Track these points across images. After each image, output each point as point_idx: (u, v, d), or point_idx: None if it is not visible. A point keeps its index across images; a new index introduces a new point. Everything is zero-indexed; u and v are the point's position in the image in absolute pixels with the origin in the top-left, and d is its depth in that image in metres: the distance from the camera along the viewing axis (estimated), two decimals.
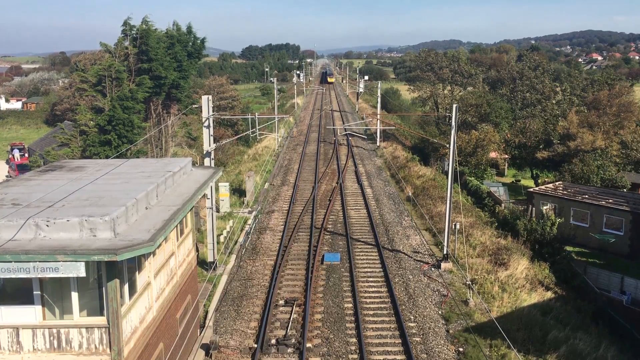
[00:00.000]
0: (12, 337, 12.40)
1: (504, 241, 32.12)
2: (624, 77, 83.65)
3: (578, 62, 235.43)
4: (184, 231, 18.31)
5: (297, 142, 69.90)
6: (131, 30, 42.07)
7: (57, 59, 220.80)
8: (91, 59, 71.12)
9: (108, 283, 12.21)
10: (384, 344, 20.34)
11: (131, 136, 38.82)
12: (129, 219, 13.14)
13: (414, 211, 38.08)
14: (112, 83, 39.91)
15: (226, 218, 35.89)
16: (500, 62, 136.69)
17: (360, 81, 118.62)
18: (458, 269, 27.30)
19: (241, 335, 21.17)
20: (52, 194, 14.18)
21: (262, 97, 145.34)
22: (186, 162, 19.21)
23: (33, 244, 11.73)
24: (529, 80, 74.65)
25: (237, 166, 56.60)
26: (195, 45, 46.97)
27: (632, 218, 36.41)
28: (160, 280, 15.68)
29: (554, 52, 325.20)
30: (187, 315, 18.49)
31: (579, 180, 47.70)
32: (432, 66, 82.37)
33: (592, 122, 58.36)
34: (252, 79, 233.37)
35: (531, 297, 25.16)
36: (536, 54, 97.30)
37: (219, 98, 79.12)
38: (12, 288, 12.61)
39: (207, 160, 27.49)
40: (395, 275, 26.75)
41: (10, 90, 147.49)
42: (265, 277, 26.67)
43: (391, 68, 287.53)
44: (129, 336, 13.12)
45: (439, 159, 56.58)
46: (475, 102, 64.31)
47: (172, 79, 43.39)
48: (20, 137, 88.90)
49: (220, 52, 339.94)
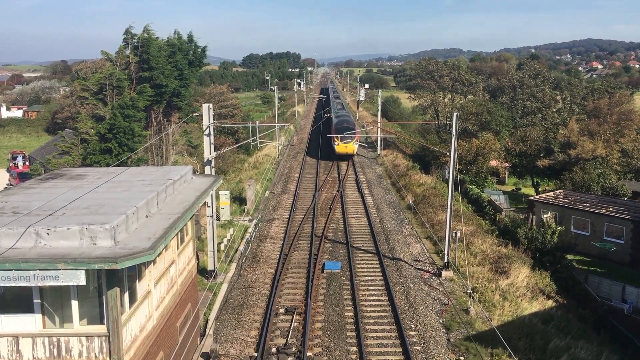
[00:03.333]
0: (12, 345, 12.37)
1: (504, 249, 32.06)
2: (624, 86, 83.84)
3: (578, 70, 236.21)
4: (185, 239, 18.29)
5: (298, 150, 69.94)
6: (132, 39, 42.26)
7: (59, 67, 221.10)
8: (92, 67, 71.27)
9: (108, 291, 12.19)
10: (385, 353, 20.27)
11: (132, 144, 38.88)
12: (129, 227, 13.13)
13: (415, 219, 38.05)
14: (113, 91, 40.02)
15: (227, 226, 35.85)
16: (500, 71, 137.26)
17: (360, 89, 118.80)
18: (459, 277, 27.24)
19: (241, 343, 21.10)
20: (53, 202, 14.18)
21: (263, 106, 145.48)
22: (187, 170, 19.23)
23: (33, 252, 11.72)
24: (529, 89, 74.76)
25: (237, 174, 56.56)
26: (196, 54, 47.18)
27: (633, 226, 36.37)
28: (161, 289, 15.66)
29: (554, 60, 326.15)
30: (187, 323, 18.45)
31: (580, 188, 47.72)
32: (432, 74, 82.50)
33: (593, 131, 58.45)
34: (253, 87, 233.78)
35: (532, 305, 25.10)
36: (536, 63, 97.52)
37: (219, 106, 79.23)
38: (12, 296, 12.58)
39: (208, 168, 27.51)
40: (395, 284, 26.69)
41: (12, 98, 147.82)
42: (265, 286, 26.61)
43: (391, 76, 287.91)
44: (129, 345, 13.08)
45: (440, 167, 56.60)
46: (476, 110, 64.37)
47: (173, 87, 43.54)
48: (21, 145, 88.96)
49: (221, 60, 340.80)
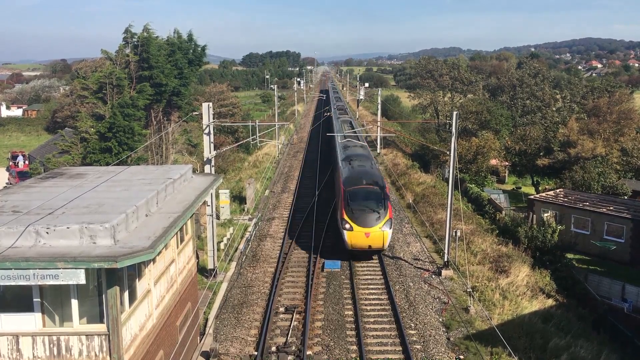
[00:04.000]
0: (12, 344, 12.37)
1: (504, 248, 32.06)
2: (623, 85, 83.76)
3: (578, 69, 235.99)
4: (184, 238, 18.29)
5: (298, 149, 69.93)
6: (132, 38, 42.24)
7: (58, 66, 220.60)
8: (92, 66, 71.13)
9: (108, 290, 12.19)
10: (385, 352, 20.27)
11: (132, 143, 38.86)
12: (129, 226, 13.13)
13: (415, 218, 38.05)
14: (112, 90, 40.01)
15: (226, 225, 35.85)
16: (500, 70, 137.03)
17: (360, 88, 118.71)
18: (459, 276, 27.25)
19: (241, 342, 21.10)
20: (53, 201, 14.18)
21: (263, 104, 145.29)
22: (186, 169, 19.22)
23: (33, 251, 11.72)
24: (529, 88, 74.69)
25: (237, 173, 56.55)
26: (196, 53, 47.15)
27: (633, 225, 36.36)
28: (160, 288, 15.65)
29: (553, 59, 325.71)
30: (187, 322, 18.45)
31: (580, 187, 47.68)
32: (432, 73, 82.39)
33: (593, 129, 58.43)
34: (253, 86, 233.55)
35: (532, 304, 25.10)
36: (536, 62, 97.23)
37: (219, 105, 79.11)
38: (11, 295, 12.58)
39: (208, 167, 27.50)
40: (395, 283, 26.69)
41: (11, 97, 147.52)
42: (265, 285, 26.61)
43: (391, 75, 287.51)
44: (129, 344, 13.08)
45: (440, 166, 56.60)
46: (476, 109, 64.37)
47: (173, 86, 43.51)
48: (21, 144, 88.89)
49: (221, 59, 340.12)
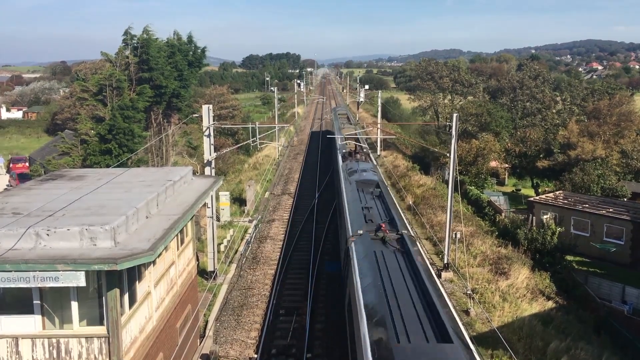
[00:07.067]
0: (12, 347, 12.36)
1: (504, 250, 32.05)
2: (624, 87, 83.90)
3: (578, 71, 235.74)
4: (184, 240, 18.28)
5: (298, 151, 69.94)
6: (132, 40, 42.19)
7: (58, 68, 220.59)
8: (92, 68, 71.18)
9: (108, 292, 12.18)
10: None
11: (132, 145, 38.83)
12: (129, 228, 13.12)
13: (415, 220, 38.03)
14: (112, 92, 39.99)
15: (227, 227, 35.84)
16: (500, 72, 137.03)
17: (360, 90, 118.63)
18: (459, 278, 27.23)
19: (241, 345, 21.08)
20: (53, 203, 14.18)
21: (263, 106, 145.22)
22: (187, 171, 19.22)
23: (33, 253, 11.71)
24: (529, 90, 74.71)
25: (237, 175, 56.55)
26: (196, 55, 47.11)
27: (633, 227, 36.35)
28: (160, 290, 15.64)
29: (554, 61, 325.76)
30: (187, 324, 18.43)
31: (580, 189, 47.66)
32: (432, 75, 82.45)
33: (593, 132, 58.39)
34: (253, 88, 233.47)
35: (532, 306, 25.08)
36: (536, 64, 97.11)
37: (219, 107, 79.07)
38: (11, 297, 12.57)
39: (208, 169, 27.50)
40: None
41: (11, 99, 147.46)
42: (265, 287, 26.59)
43: (391, 77, 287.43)
44: (129, 346, 13.06)
45: (440, 168, 56.57)
46: (476, 111, 64.35)
47: (173, 88, 43.48)
48: (21, 146, 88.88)
49: (221, 61, 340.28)
